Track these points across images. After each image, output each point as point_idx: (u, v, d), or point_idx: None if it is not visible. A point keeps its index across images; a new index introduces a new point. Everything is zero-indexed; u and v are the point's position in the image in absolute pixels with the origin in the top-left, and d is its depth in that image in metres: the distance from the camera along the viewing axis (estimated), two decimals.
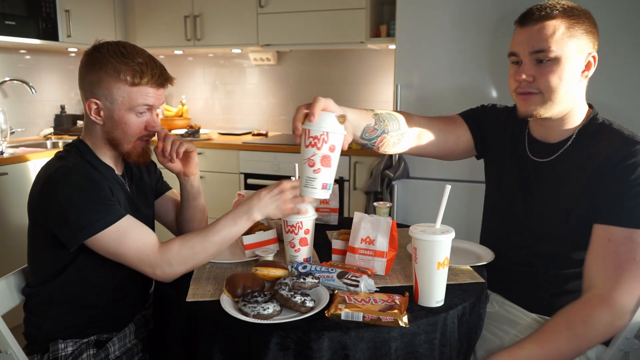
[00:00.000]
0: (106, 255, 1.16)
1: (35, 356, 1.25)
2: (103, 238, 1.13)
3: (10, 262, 2.42)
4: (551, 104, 1.17)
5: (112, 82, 1.19)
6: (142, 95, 1.20)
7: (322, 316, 1.00)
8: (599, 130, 1.20)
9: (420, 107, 2.50)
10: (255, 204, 1.18)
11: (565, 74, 1.14)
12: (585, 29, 1.15)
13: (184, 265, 1.16)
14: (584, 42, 1.15)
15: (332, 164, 1.01)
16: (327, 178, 1.02)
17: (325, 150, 1.00)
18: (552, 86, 1.15)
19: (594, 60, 1.17)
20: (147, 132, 1.26)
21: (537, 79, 1.16)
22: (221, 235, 1.17)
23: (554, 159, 1.25)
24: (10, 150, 2.84)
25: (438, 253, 1.03)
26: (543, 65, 1.15)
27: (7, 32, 2.78)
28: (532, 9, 1.17)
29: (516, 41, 1.19)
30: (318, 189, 1.02)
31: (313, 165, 1.00)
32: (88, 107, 1.22)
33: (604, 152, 1.15)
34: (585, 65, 1.17)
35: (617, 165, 1.11)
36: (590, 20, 1.16)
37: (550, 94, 1.16)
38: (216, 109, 3.96)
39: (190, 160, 1.37)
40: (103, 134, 1.25)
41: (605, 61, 2.18)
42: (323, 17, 3.09)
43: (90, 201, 1.13)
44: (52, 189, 1.14)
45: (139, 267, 1.16)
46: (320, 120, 1.00)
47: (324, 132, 0.98)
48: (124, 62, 1.18)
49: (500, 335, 1.27)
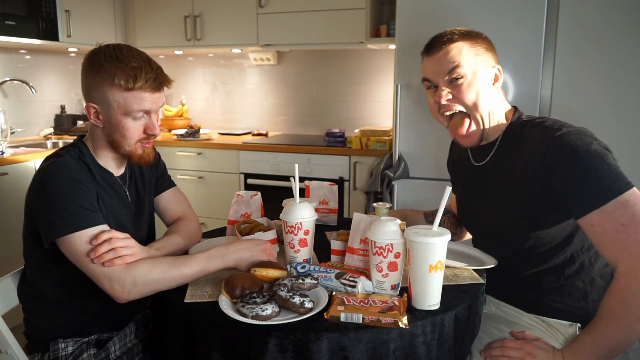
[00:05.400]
0: (72, 260, 1.14)
1: (36, 355, 1.25)
2: (72, 241, 1.11)
3: (10, 262, 2.43)
4: (480, 118, 1.26)
5: (107, 87, 1.18)
6: (137, 100, 1.19)
7: (321, 317, 1.00)
8: (522, 126, 1.26)
9: (420, 107, 2.50)
10: (232, 252, 1.19)
11: (479, 87, 1.24)
12: (485, 47, 1.27)
13: (148, 286, 1.12)
14: (487, 57, 1.26)
15: (399, 268, 1.10)
16: (394, 280, 1.11)
17: (390, 258, 1.09)
18: (471, 100, 1.24)
19: (500, 72, 1.28)
20: (146, 135, 1.25)
21: (455, 96, 1.25)
22: (193, 269, 1.15)
23: (486, 162, 1.32)
24: (10, 150, 2.84)
25: (430, 256, 1.02)
26: (458, 83, 1.24)
27: (7, 32, 2.78)
28: (435, 38, 1.28)
29: (427, 68, 1.30)
30: (388, 290, 1.11)
31: (381, 270, 1.10)
32: (87, 110, 1.23)
33: (531, 145, 1.19)
34: (494, 77, 1.27)
35: (545, 157, 1.14)
36: (486, 39, 1.29)
37: (473, 109, 1.25)
38: (216, 109, 3.96)
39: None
40: (104, 136, 1.25)
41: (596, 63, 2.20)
42: (323, 17, 3.09)
43: (71, 201, 1.12)
44: (40, 185, 1.15)
45: (99, 279, 1.11)
46: (384, 232, 1.09)
47: (388, 243, 1.08)
48: (118, 66, 1.17)
49: (497, 335, 1.28)
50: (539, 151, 1.16)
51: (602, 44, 2.21)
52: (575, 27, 2.23)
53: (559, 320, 1.25)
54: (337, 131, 3.20)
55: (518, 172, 1.21)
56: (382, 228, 1.09)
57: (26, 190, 1.22)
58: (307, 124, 3.70)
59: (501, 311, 1.35)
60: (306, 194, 1.68)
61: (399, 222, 1.11)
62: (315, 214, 1.26)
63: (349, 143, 2.99)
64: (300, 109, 3.71)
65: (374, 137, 2.90)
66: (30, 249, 1.25)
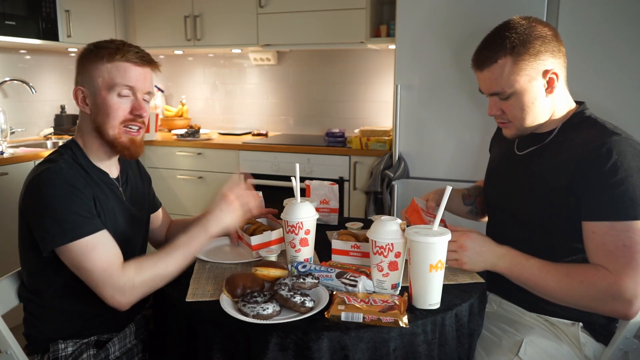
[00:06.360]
0: (71, 268, 1.13)
1: (36, 356, 1.25)
2: (71, 249, 1.10)
3: (10, 262, 2.42)
4: (525, 127, 1.25)
5: (91, 65, 1.20)
6: (121, 72, 1.19)
7: (322, 316, 1.00)
8: (581, 122, 1.24)
9: (420, 107, 2.50)
10: (209, 219, 1.20)
11: (526, 103, 1.21)
12: (533, 53, 1.17)
13: (146, 285, 1.13)
14: (536, 66, 1.18)
15: (399, 267, 1.11)
16: (395, 279, 1.12)
17: (391, 257, 1.09)
18: (518, 117, 1.23)
19: (556, 76, 1.19)
20: (132, 116, 1.22)
21: (504, 111, 1.25)
22: (180, 252, 1.16)
23: (533, 150, 1.29)
24: (10, 150, 2.84)
25: (431, 255, 1.02)
26: (505, 101, 1.23)
27: (7, 32, 2.78)
28: (481, 50, 1.23)
29: (478, 81, 1.28)
30: (388, 289, 1.12)
31: (382, 270, 1.10)
32: (75, 96, 1.24)
33: (582, 141, 1.17)
34: (547, 84, 1.20)
35: (591, 154, 1.13)
36: (538, 39, 1.17)
37: (520, 122, 1.24)
38: (216, 109, 3.96)
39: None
40: (90, 123, 1.23)
41: (601, 62, 2.20)
42: (323, 17, 3.09)
43: (67, 210, 1.11)
44: (34, 192, 1.13)
45: (100, 287, 1.11)
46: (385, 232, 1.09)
47: (389, 242, 1.08)
48: (102, 46, 1.21)
49: (499, 334, 1.28)
50: (587, 148, 1.14)
51: (602, 43, 2.22)
52: (575, 27, 2.23)
53: (561, 320, 1.25)
54: (337, 131, 3.20)
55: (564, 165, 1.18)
56: (382, 228, 1.09)
57: None
58: (307, 124, 3.70)
59: (503, 309, 1.35)
60: (307, 194, 1.68)
61: (400, 221, 1.11)
62: (316, 214, 1.26)
63: (349, 143, 2.99)
64: (300, 109, 3.71)
65: (374, 137, 2.91)
66: (27, 256, 1.24)
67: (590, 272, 1.10)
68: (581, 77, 2.25)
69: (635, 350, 1.19)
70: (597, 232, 1.10)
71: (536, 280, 1.15)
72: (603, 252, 1.10)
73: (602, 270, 1.09)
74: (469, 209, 1.56)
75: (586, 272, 1.11)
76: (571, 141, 1.21)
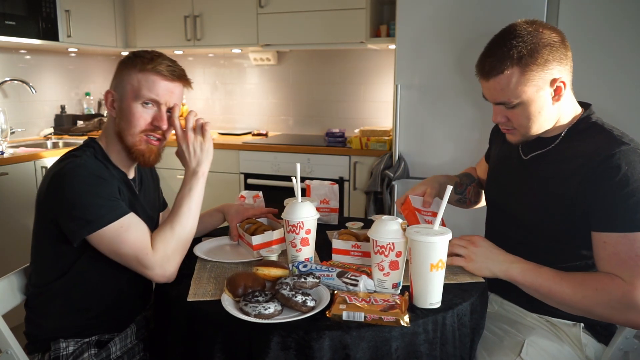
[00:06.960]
0: (105, 252, 1.16)
1: (36, 355, 1.25)
2: (105, 234, 1.13)
3: (10, 261, 2.42)
4: (531, 134, 1.23)
5: (125, 71, 1.24)
6: (149, 83, 1.22)
7: (323, 316, 1.00)
8: (587, 128, 1.22)
9: (420, 107, 2.51)
10: (190, 165, 1.25)
11: (532, 112, 1.18)
12: (541, 63, 1.12)
13: (177, 251, 1.19)
14: (544, 75, 1.14)
15: (400, 266, 1.11)
16: (396, 278, 1.12)
17: (392, 257, 1.09)
18: (524, 125, 1.21)
19: (563, 84, 1.16)
20: (152, 126, 1.25)
21: (510, 119, 1.22)
22: (186, 206, 1.22)
23: (538, 155, 1.28)
24: (10, 150, 2.84)
25: (431, 255, 1.02)
26: (510, 109, 1.20)
27: (7, 32, 2.78)
28: (485, 57, 1.18)
29: (483, 89, 1.24)
30: (389, 289, 1.12)
31: (383, 269, 1.10)
32: (105, 98, 1.28)
33: (589, 149, 1.16)
34: (555, 92, 1.17)
35: (600, 165, 1.12)
36: (546, 47, 1.12)
37: (526, 130, 1.22)
38: (216, 109, 3.96)
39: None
40: (114, 127, 1.27)
41: (602, 62, 2.21)
42: (323, 17, 3.09)
43: (96, 196, 1.14)
44: (60, 183, 1.15)
45: (137, 267, 1.16)
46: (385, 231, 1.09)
47: (390, 242, 1.08)
48: (139, 54, 1.25)
49: (501, 334, 1.28)
50: (596, 158, 1.13)
51: (602, 43, 2.22)
52: (575, 27, 2.23)
53: (562, 320, 1.25)
54: (337, 131, 3.20)
55: (571, 170, 1.18)
56: (383, 227, 1.09)
57: (26, 190, 1.23)
58: (307, 124, 3.70)
59: (504, 310, 1.36)
60: (307, 194, 1.68)
61: (400, 221, 1.11)
62: (317, 213, 1.26)
63: (349, 143, 2.99)
64: (300, 109, 3.71)
65: (374, 137, 2.91)
66: (41, 249, 1.25)
67: (605, 280, 1.10)
68: (581, 77, 2.24)
69: (636, 351, 1.19)
70: (608, 242, 1.10)
71: (551, 287, 1.13)
72: (616, 261, 1.09)
73: (616, 279, 1.09)
74: (458, 198, 1.57)
75: (601, 280, 1.10)
76: (577, 148, 1.19)
